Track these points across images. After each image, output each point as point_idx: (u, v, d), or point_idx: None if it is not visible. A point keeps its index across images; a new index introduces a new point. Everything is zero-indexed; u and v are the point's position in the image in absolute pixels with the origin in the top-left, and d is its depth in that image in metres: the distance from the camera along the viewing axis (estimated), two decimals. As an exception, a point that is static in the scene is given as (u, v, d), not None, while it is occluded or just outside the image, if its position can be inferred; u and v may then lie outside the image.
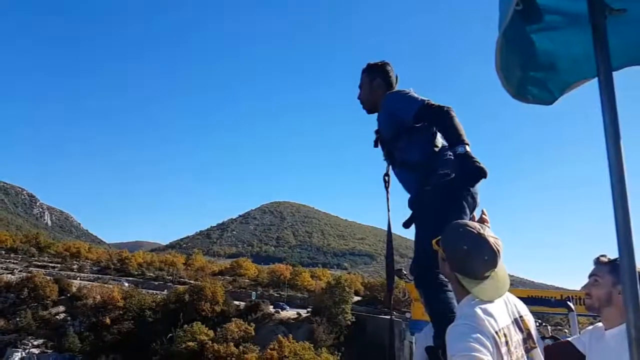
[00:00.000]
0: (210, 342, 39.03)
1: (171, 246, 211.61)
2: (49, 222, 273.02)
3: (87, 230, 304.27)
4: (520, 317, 1.75)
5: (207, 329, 41.34)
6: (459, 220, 1.83)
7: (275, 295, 62.15)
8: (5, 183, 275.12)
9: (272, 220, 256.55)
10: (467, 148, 2.28)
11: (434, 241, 1.79)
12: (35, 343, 45.44)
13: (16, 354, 43.27)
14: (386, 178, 2.67)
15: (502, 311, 1.69)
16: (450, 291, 2.33)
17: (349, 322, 45.55)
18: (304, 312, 50.67)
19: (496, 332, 1.56)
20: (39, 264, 68.50)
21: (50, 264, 69.64)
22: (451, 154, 2.34)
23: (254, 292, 61.67)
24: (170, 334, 41.51)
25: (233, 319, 44.93)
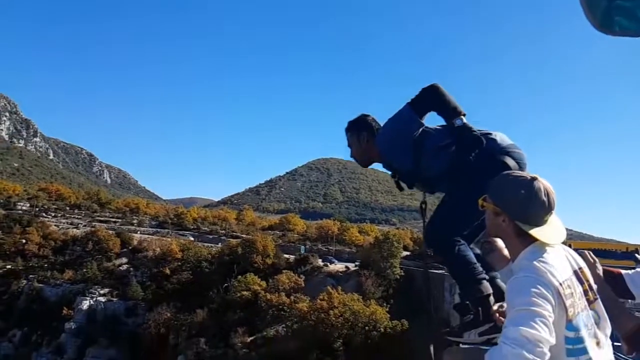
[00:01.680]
0: (263, 291, 40.88)
1: (223, 202, 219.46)
2: (108, 180, 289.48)
3: (144, 187, 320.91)
4: (580, 268, 1.72)
5: (259, 279, 43.22)
6: (506, 172, 1.79)
7: (324, 249, 63.52)
8: (66, 143, 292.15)
9: (319, 177, 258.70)
10: (464, 119, 2.33)
11: (480, 200, 1.77)
12: (101, 292, 49.22)
13: (85, 302, 47.31)
14: (423, 206, 2.76)
15: (564, 262, 1.66)
16: (470, 254, 2.51)
17: (398, 276, 46.03)
18: (352, 266, 51.58)
19: (560, 284, 1.54)
20: (101, 219, 73.32)
21: (112, 219, 74.33)
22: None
23: (302, 246, 63.28)
24: (226, 284, 43.78)
25: (283, 271, 46.56)
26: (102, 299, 48.21)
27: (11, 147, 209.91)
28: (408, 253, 57.96)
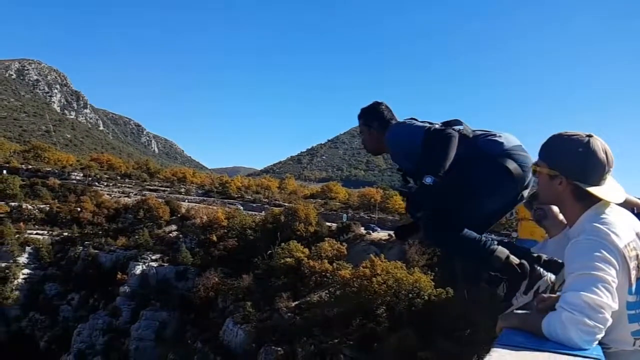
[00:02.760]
0: (306, 259, 41.65)
1: (265, 171, 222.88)
2: (156, 150, 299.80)
3: (190, 156, 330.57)
4: None
5: (302, 247, 43.99)
6: (559, 133, 1.70)
7: (366, 217, 63.57)
8: (114, 114, 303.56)
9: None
10: (430, 181, 2.37)
11: (532, 165, 1.72)
12: (153, 257, 51.82)
13: (137, 266, 50.02)
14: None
15: (627, 223, 1.59)
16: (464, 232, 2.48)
17: (443, 244, 45.54)
18: (395, 234, 51.45)
19: (625, 246, 1.49)
20: (151, 188, 76.41)
21: (161, 188, 77.30)
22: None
23: (345, 214, 63.56)
24: (270, 251, 44.91)
25: (326, 238, 47.10)
26: (153, 264, 50.79)
27: (63, 118, 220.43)
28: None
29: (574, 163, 1.58)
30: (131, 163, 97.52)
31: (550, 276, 2.35)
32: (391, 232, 52.23)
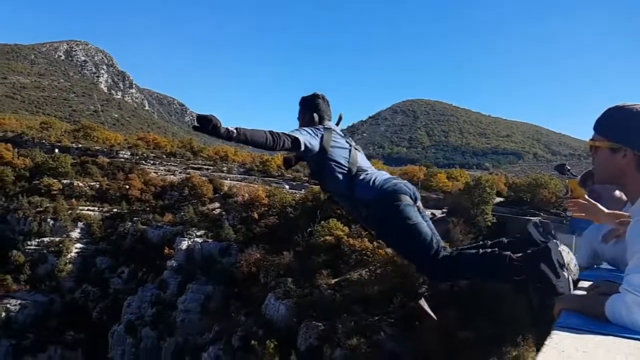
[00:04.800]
0: (345, 237, 42.00)
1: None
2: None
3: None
4: None
5: (342, 225, 44.31)
6: (615, 105, 1.64)
7: (409, 195, 62.87)
8: (159, 94, 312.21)
9: (404, 120, 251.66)
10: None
11: (589, 141, 1.67)
12: (198, 233, 53.83)
13: (183, 242, 52.21)
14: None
15: None
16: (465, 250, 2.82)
17: (489, 224, 44.60)
18: (438, 213, 50.68)
19: None
20: (195, 166, 78.73)
21: (204, 166, 79.49)
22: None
23: (387, 192, 63.09)
24: (310, 229, 45.56)
25: (367, 217, 47.19)
26: (198, 239, 52.79)
27: (110, 98, 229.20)
28: (501, 199, 55.58)
29: (638, 133, 1.52)
30: (176, 142, 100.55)
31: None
32: (434, 211, 51.67)
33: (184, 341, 43.92)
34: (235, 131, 2.73)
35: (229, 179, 71.09)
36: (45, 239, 55.79)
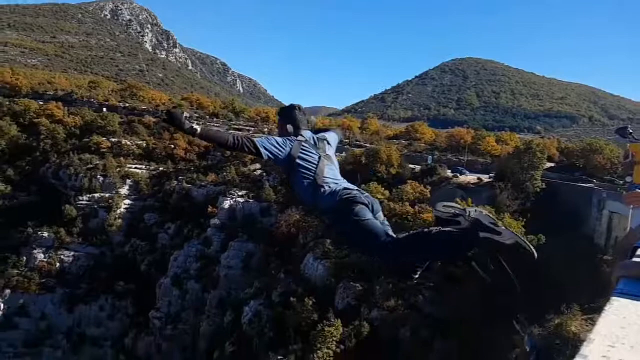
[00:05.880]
0: (386, 200, 41.99)
1: (347, 111, 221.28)
2: (241, 89, 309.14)
3: (273, 96, 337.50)
4: None
5: (383, 189, 44.25)
6: None
7: (454, 160, 61.67)
8: (202, 53, 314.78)
9: (453, 81, 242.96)
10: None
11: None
12: (240, 194, 55.33)
13: (226, 201, 53.90)
14: None
15: None
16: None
17: (538, 190, 43.27)
18: (485, 178, 49.61)
19: None
20: (237, 127, 79.98)
21: (246, 127, 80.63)
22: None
23: (430, 157, 62.12)
24: (350, 192, 45.72)
25: (408, 181, 46.81)
26: (240, 199, 54.34)
27: (155, 58, 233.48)
28: (552, 165, 53.62)
29: None
30: (218, 103, 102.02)
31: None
32: (481, 176, 50.59)
33: (227, 295, 46.15)
34: (198, 129, 3.16)
35: (270, 140, 71.75)
36: (96, 195, 59.01)
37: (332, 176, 3.49)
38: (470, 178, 50.55)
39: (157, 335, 48.08)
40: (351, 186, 3.45)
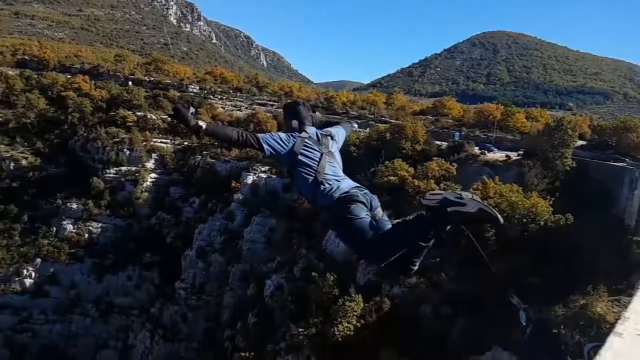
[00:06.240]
0: (410, 178, 41.65)
1: (372, 85, 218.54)
2: (265, 63, 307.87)
3: (296, 70, 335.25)
4: None
5: (407, 165, 43.83)
6: None
7: (482, 136, 60.51)
8: (226, 26, 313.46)
9: (483, 54, 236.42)
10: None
11: None
12: (262, 169, 55.71)
13: (249, 176, 54.52)
14: None
15: None
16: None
17: (568, 168, 42.23)
18: (513, 155, 48.65)
19: None
20: (260, 102, 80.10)
21: (269, 102, 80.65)
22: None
23: (457, 133, 61.10)
24: (373, 168, 45.54)
25: (434, 158, 46.19)
26: (263, 175, 54.86)
27: (179, 31, 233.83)
28: (583, 142, 52.12)
29: None
30: (242, 77, 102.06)
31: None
32: (509, 153, 49.57)
33: (250, 268, 47.14)
34: (203, 125, 3.30)
35: (293, 115, 71.59)
36: (123, 168, 60.36)
37: (333, 173, 3.60)
38: (498, 155, 49.63)
39: (182, 304, 49.63)
40: (352, 183, 3.57)
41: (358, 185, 3.56)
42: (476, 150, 51.18)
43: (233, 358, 36.81)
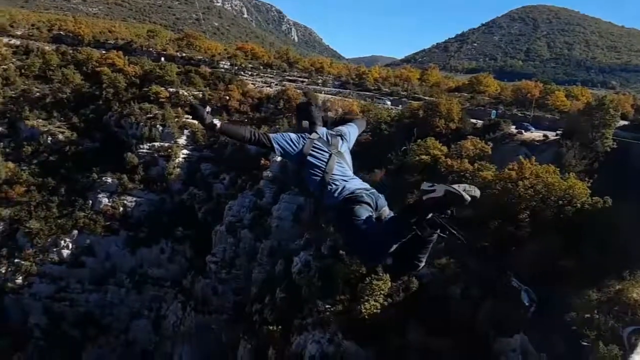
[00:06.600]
0: (443, 157, 41.00)
1: (406, 60, 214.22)
2: (296, 38, 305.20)
3: (328, 45, 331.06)
4: None
5: (440, 144, 43.11)
6: None
7: (519, 115, 58.92)
8: (257, 1, 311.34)
9: (522, 29, 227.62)
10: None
11: None
12: (292, 147, 55.88)
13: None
14: None
15: None
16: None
17: (608, 149, 40.72)
18: (551, 135, 47.27)
19: None
20: (290, 78, 79.84)
21: (299, 78, 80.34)
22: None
23: (494, 111, 59.69)
24: (405, 147, 45.05)
25: (469, 136, 45.28)
26: (292, 153, 54.96)
27: (211, 6, 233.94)
28: (626, 123, 50.02)
29: None
30: (272, 52, 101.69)
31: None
32: (547, 132, 48.13)
33: (278, 244, 47.83)
34: (218, 124, 3.47)
35: (323, 92, 71.29)
36: (156, 144, 61.71)
37: (341, 173, 3.66)
38: (535, 135, 48.32)
39: (213, 277, 51.00)
40: (359, 183, 3.62)
41: (365, 185, 3.63)
42: (513, 129, 49.95)
43: (261, 331, 37.74)
